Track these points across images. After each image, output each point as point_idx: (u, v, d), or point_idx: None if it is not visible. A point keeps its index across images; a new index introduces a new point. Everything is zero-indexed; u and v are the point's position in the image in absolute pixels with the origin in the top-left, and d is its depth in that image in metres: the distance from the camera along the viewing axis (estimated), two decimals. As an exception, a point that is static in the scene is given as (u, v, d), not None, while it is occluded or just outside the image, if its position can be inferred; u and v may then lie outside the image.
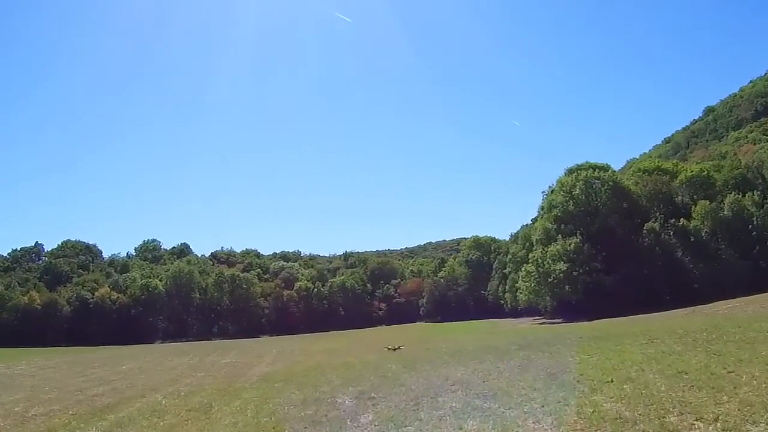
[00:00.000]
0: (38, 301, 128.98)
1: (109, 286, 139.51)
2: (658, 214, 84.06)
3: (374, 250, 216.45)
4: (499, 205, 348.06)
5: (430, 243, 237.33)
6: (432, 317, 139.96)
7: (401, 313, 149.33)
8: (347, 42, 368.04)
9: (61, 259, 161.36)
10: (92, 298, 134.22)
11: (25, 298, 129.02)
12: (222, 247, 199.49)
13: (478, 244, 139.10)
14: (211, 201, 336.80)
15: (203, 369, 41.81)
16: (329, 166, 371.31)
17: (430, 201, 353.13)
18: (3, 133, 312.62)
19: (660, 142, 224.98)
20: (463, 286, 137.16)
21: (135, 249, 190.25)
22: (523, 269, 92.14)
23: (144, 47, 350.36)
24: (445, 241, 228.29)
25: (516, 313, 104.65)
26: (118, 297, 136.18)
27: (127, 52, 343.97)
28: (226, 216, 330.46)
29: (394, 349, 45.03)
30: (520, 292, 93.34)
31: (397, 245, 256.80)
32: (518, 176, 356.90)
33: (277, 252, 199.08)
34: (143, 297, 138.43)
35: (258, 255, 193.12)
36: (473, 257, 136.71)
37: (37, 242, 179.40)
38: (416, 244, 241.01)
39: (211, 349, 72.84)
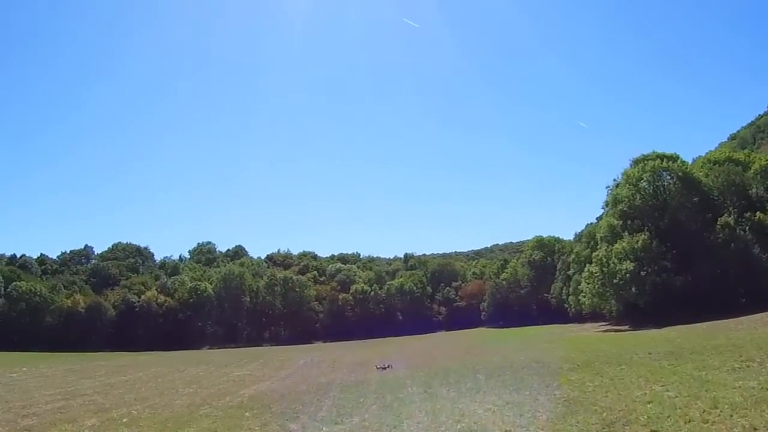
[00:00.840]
0: (82, 304, 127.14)
1: (156, 290, 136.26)
2: (731, 207, 75.04)
3: (438, 252, 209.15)
4: (566, 204, 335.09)
5: (496, 245, 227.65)
6: (493, 322, 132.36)
7: (461, 318, 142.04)
8: (398, 46, 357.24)
9: (110, 261, 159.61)
10: (138, 301, 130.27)
11: (69, 301, 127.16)
12: (279, 250, 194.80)
13: (541, 244, 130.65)
14: (269, 203, 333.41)
15: (202, 383, 36.90)
16: (392, 169, 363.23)
17: (496, 202, 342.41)
18: (59, 136, 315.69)
19: (726, 139, 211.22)
20: (525, 288, 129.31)
21: (189, 252, 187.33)
22: (586, 270, 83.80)
23: (197, 48, 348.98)
24: (512, 243, 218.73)
25: (580, 317, 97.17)
26: (165, 300, 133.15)
27: (178, 53, 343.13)
28: (283, 218, 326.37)
29: (384, 368, 39.61)
30: (583, 296, 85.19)
31: (463, 247, 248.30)
32: (585, 173, 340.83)
33: (335, 254, 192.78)
34: (191, 301, 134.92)
35: (315, 257, 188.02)
36: (536, 258, 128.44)
37: (86, 245, 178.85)
38: (482, 247, 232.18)
39: (241, 357, 69.06)
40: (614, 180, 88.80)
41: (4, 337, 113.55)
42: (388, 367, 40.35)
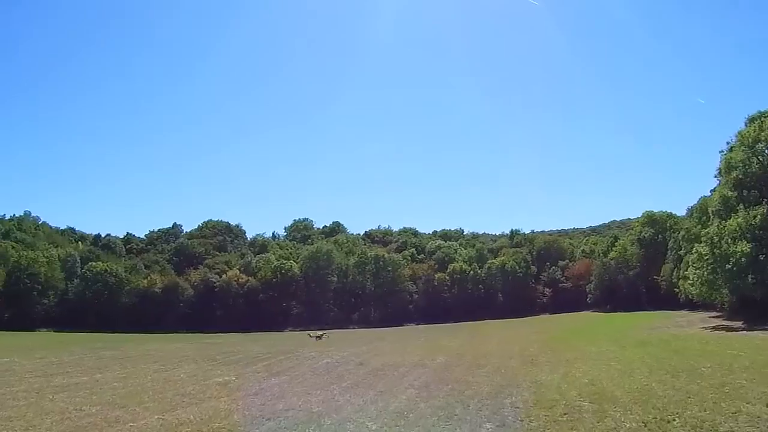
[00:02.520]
0: (159, 284, 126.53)
1: (239, 269, 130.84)
2: None
3: (550, 229, 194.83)
4: (680, 176, 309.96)
5: (614, 221, 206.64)
6: (600, 306, 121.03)
7: (566, 300, 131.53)
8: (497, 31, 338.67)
9: (197, 240, 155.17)
10: (218, 281, 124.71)
11: (145, 281, 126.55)
12: (379, 226, 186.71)
13: (652, 220, 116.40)
14: (371, 179, 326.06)
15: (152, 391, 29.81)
16: (498, 143, 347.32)
17: (611, 172, 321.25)
18: (154, 117, 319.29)
19: None
20: (634, 269, 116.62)
21: (285, 228, 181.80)
22: (694, 251, 70.33)
23: (289, 23, 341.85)
24: (629, 219, 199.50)
25: (692, 304, 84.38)
26: (247, 280, 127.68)
27: (270, 30, 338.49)
28: (385, 194, 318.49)
29: (318, 337, 38.41)
30: (690, 283, 71.66)
31: (579, 224, 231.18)
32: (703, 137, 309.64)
33: (438, 230, 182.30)
34: (275, 280, 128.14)
35: (415, 233, 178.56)
36: (646, 236, 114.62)
37: (175, 223, 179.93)
38: (600, 223, 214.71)
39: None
40: (727, 143, 74.14)
41: (81, 317, 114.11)
42: (322, 336, 38.55)
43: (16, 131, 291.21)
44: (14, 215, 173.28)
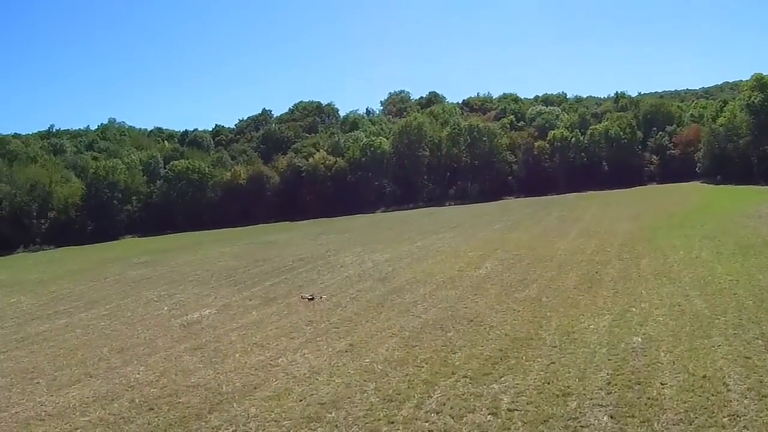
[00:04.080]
0: (243, 176, 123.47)
1: (326, 150, 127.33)
2: None
3: (657, 90, 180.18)
4: None
5: (726, 83, 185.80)
6: (710, 176, 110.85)
7: (675, 169, 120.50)
8: None
9: (286, 124, 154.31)
10: (305, 165, 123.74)
11: (228, 174, 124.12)
12: (478, 93, 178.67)
13: (762, 83, 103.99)
14: (466, 39, 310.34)
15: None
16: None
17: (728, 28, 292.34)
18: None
19: None
20: (744, 138, 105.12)
21: (381, 103, 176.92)
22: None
23: None
24: (741, 81, 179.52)
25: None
26: (335, 161, 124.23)
27: None
28: (484, 58, 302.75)
29: (311, 299, 34.27)
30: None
31: (690, 84, 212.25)
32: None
33: (539, 95, 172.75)
34: (363, 159, 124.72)
35: (516, 99, 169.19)
36: (756, 101, 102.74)
37: (264, 109, 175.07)
38: (712, 84, 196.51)
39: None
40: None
41: (167, 219, 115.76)
42: (312, 298, 34.59)
43: (96, 42, 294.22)
44: (100, 124, 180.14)
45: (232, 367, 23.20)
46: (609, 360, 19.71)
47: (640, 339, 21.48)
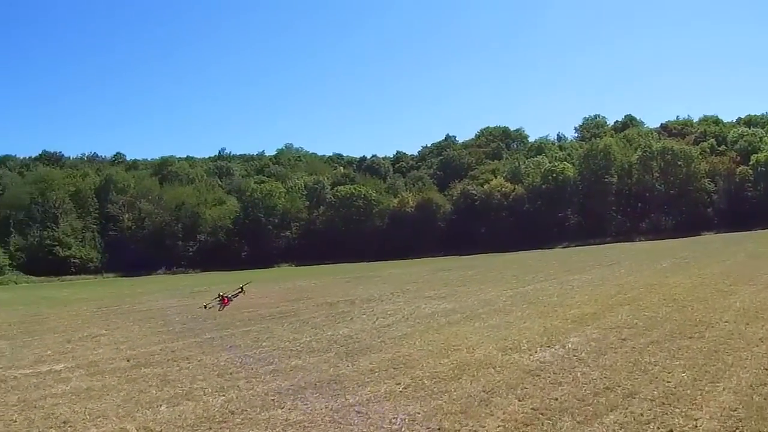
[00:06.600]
0: (410, 203, 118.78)
1: (503, 177, 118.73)
2: None
3: None
4: None
5: None
6: None
7: None
8: None
9: (468, 149, 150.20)
10: (479, 192, 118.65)
11: (395, 201, 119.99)
12: (677, 117, 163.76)
13: None
14: (666, 63, 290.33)
15: None
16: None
17: None
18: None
19: None
20: None
21: (575, 129, 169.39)
22: None
23: None
24: None
25: None
26: (513, 189, 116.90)
27: None
28: (685, 77, 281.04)
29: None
30: None
31: None
32: None
33: (742, 116, 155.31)
34: (544, 186, 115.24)
35: (717, 121, 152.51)
36: None
37: (447, 135, 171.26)
38: None
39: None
40: None
41: (326, 248, 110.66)
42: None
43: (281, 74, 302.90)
44: (277, 150, 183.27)
45: None
46: None
47: None
